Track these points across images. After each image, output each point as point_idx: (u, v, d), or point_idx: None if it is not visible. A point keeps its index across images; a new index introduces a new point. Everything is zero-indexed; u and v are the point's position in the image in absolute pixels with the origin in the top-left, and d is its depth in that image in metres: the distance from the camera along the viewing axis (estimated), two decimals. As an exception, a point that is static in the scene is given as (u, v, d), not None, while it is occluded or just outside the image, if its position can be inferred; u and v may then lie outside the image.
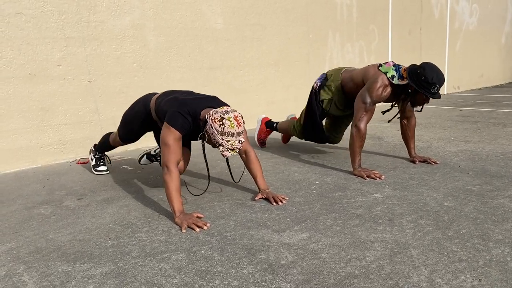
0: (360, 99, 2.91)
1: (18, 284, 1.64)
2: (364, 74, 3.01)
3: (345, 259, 1.71)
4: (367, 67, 3.05)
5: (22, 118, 3.54)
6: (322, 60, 5.99)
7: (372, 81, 2.88)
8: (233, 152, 2.19)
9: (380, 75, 2.87)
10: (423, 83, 2.72)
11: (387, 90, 2.87)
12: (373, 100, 2.86)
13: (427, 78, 2.69)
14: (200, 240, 1.96)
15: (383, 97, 2.89)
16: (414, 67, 2.79)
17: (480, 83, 9.76)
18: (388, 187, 2.62)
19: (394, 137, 4.16)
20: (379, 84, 2.85)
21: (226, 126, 2.13)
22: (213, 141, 2.19)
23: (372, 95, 2.86)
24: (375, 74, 2.91)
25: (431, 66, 2.73)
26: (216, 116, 2.15)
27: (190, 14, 4.45)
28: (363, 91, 2.91)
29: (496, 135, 4.06)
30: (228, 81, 4.93)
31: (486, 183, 2.62)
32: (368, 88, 2.88)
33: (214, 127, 2.14)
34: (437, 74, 2.70)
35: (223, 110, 2.16)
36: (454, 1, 8.39)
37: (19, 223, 2.31)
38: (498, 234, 1.88)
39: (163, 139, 2.21)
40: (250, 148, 2.52)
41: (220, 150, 2.18)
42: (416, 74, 2.75)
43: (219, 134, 2.14)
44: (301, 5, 5.54)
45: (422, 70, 2.72)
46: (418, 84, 2.74)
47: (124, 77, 4.06)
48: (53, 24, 3.58)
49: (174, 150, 2.21)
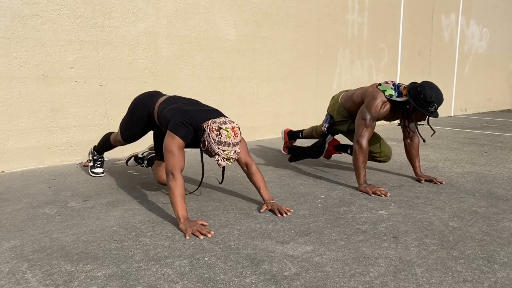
0: (360, 115, 2.96)
1: (21, 281, 1.64)
2: (362, 93, 3.10)
3: (348, 274, 1.70)
4: (365, 87, 3.15)
5: (32, 118, 3.58)
6: (331, 76, 6.02)
7: (370, 98, 2.94)
8: (229, 161, 2.23)
9: (378, 92, 2.94)
10: (421, 101, 2.77)
11: (386, 107, 2.93)
12: (372, 116, 2.91)
13: (426, 96, 2.74)
14: (204, 247, 1.96)
15: (382, 113, 2.94)
16: (414, 85, 2.85)
17: (488, 107, 9.75)
18: (393, 205, 2.61)
19: (400, 156, 4.16)
20: (378, 100, 2.91)
21: (223, 136, 2.18)
22: (210, 150, 2.24)
23: (371, 111, 2.91)
24: (373, 91, 2.98)
25: (430, 85, 2.78)
26: (214, 126, 2.20)
27: (203, 24, 4.50)
28: (362, 108, 2.98)
29: (503, 158, 4.04)
30: (237, 92, 4.96)
31: (492, 205, 2.60)
32: (367, 105, 2.94)
33: (212, 136, 2.19)
34: (436, 93, 2.75)
35: (221, 121, 2.22)
36: (464, 24, 8.44)
37: (24, 221, 2.32)
38: (504, 256, 1.86)
39: (168, 147, 2.25)
40: (251, 160, 2.54)
41: (216, 159, 2.22)
42: (416, 92, 2.79)
43: (216, 143, 2.19)
44: (312, 21, 5.60)
45: (422, 89, 2.77)
46: (416, 101, 2.79)
47: (135, 82, 4.09)
48: (68, 27, 3.64)
49: (178, 157, 2.24)
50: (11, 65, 3.42)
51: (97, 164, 3.36)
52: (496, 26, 9.40)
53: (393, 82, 2.98)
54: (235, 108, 4.95)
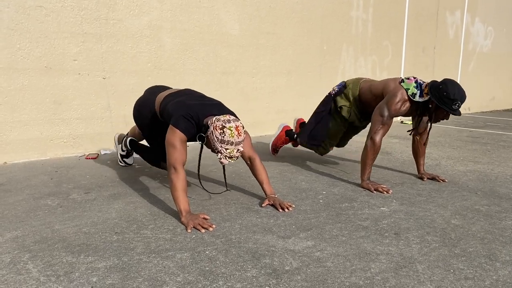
0: (378, 111, 2.88)
1: (22, 272, 1.64)
2: (384, 86, 2.97)
3: (349, 269, 1.70)
4: (387, 80, 3.02)
5: (35, 110, 3.58)
6: (334, 73, 6.01)
7: (391, 95, 2.85)
8: (231, 160, 2.23)
9: (400, 89, 2.84)
10: (444, 99, 2.69)
11: (406, 105, 2.85)
12: (391, 114, 2.84)
13: (449, 94, 2.66)
14: (205, 240, 1.96)
15: (402, 111, 2.86)
16: (436, 83, 2.76)
17: (491, 106, 9.71)
18: (395, 202, 2.61)
19: (403, 153, 4.15)
20: (398, 98, 2.82)
21: (227, 135, 2.17)
22: (213, 147, 2.23)
23: (390, 109, 2.83)
24: (395, 88, 2.87)
25: (453, 83, 2.70)
26: (218, 124, 2.19)
27: (207, 19, 4.49)
28: (381, 104, 2.89)
29: (506, 157, 4.03)
30: (240, 87, 4.95)
31: (495, 204, 2.59)
32: (387, 102, 2.85)
33: (215, 134, 2.18)
34: (459, 91, 2.67)
35: (225, 119, 2.21)
36: (469, 22, 8.40)
37: (26, 212, 2.32)
38: (506, 255, 1.86)
39: (169, 141, 2.25)
40: (255, 154, 2.53)
41: (219, 157, 2.21)
42: (438, 89, 2.71)
43: (219, 141, 2.18)
44: (317, 17, 5.57)
45: (444, 86, 2.68)
46: (439, 100, 2.71)
47: (138, 76, 4.09)
48: (72, 19, 3.63)
49: (180, 151, 2.24)
50: (14, 57, 3.42)
51: (130, 154, 3.42)
52: (501, 25, 9.35)
53: (416, 78, 2.87)
54: (238, 103, 4.94)
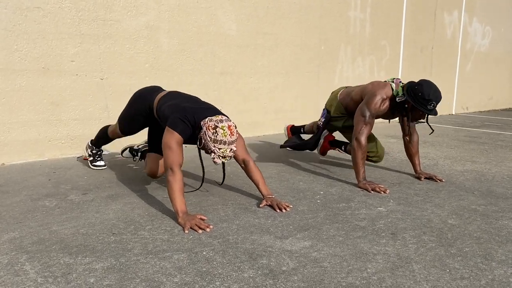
0: (359, 112, 2.97)
1: (19, 273, 1.64)
2: (362, 91, 3.11)
3: (346, 269, 1.71)
4: (364, 85, 3.15)
5: (32, 110, 3.58)
6: (332, 72, 6.01)
7: (370, 95, 2.95)
8: (224, 159, 2.26)
9: (379, 89, 2.94)
10: (420, 100, 2.78)
11: (386, 104, 2.95)
12: (371, 113, 2.92)
13: (424, 94, 2.75)
14: (202, 241, 1.97)
15: (382, 110, 2.96)
16: (412, 83, 2.86)
17: (489, 105, 9.73)
18: (392, 202, 2.61)
19: (400, 153, 4.15)
20: (377, 97, 2.92)
21: (219, 135, 2.19)
22: (206, 147, 2.26)
23: (370, 108, 2.92)
24: (373, 87, 2.99)
25: (428, 83, 2.80)
26: (210, 124, 2.22)
27: (204, 19, 4.49)
28: (362, 105, 2.99)
29: (503, 157, 4.04)
30: (238, 88, 4.95)
31: (491, 203, 2.60)
32: (367, 102, 2.95)
33: (208, 134, 2.21)
34: (434, 91, 2.76)
35: (217, 119, 2.24)
36: (467, 22, 8.41)
37: (23, 213, 2.32)
38: (502, 254, 1.87)
39: (166, 143, 2.27)
40: (248, 157, 2.55)
41: (212, 157, 2.24)
42: (414, 90, 2.80)
43: (212, 141, 2.21)
44: (314, 17, 5.58)
45: (420, 87, 2.78)
46: (415, 100, 2.80)
47: (136, 76, 4.09)
48: (69, 20, 3.63)
49: (177, 153, 2.26)
50: (12, 58, 3.42)
51: (97, 158, 3.38)
52: (499, 25, 9.36)
53: (400, 80, 2.97)
54: (236, 103, 4.95)
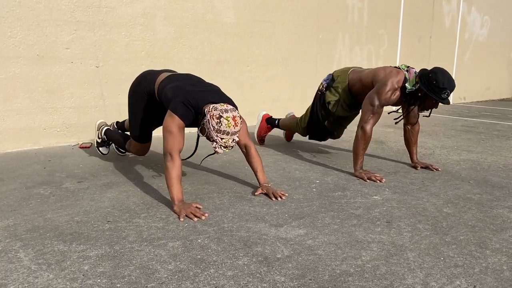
0: (368, 101, 2.88)
1: (13, 260, 1.64)
2: (373, 76, 2.97)
3: (341, 257, 1.71)
4: (376, 69, 3.01)
5: (27, 98, 3.55)
6: (330, 61, 5.98)
7: (381, 84, 2.85)
8: (226, 149, 2.22)
9: (390, 78, 2.84)
10: (434, 88, 2.69)
11: (396, 94, 2.85)
12: (381, 103, 2.84)
13: (438, 82, 2.66)
14: (197, 229, 1.96)
15: (392, 100, 2.87)
16: (426, 71, 2.76)
17: (487, 95, 9.72)
18: (388, 190, 2.61)
19: (396, 142, 4.15)
20: (388, 87, 2.82)
21: (223, 125, 2.14)
22: (208, 135, 2.21)
23: (380, 98, 2.83)
24: (385, 76, 2.87)
25: (443, 71, 2.70)
26: (215, 113, 2.15)
27: (201, 6, 4.44)
28: (371, 93, 2.89)
29: (500, 147, 4.04)
30: (235, 76, 4.92)
31: (487, 192, 2.61)
32: (377, 91, 2.85)
33: (211, 123, 2.15)
34: (448, 80, 2.68)
35: (222, 108, 2.17)
36: (466, 11, 8.36)
37: (18, 201, 2.31)
38: (496, 243, 1.87)
39: (167, 127, 2.22)
40: (250, 142, 2.52)
41: (214, 146, 2.20)
42: (427, 78, 2.71)
43: (215, 131, 2.16)
44: (312, 5, 5.53)
45: (434, 75, 2.69)
46: (429, 88, 2.71)
47: (132, 64, 4.06)
48: (64, 7, 3.58)
49: (177, 138, 2.22)
50: (5, 45, 3.38)
51: (105, 144, 3.25)
52: (498, 14, 9.31)
53: (414, 70, 2.86)
54: (233, 92, 4.92)
